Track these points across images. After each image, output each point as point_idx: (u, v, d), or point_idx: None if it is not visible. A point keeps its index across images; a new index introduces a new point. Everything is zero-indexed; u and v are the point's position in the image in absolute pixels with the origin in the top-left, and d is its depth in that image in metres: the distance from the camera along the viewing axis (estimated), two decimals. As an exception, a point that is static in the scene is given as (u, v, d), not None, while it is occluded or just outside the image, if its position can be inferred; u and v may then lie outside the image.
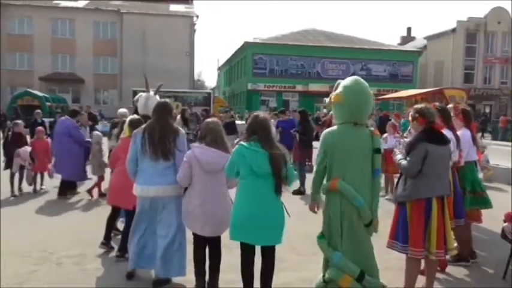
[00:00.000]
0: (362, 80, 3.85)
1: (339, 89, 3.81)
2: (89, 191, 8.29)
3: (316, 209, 3.90)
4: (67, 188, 8.41)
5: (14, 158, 8.32)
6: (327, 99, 4.20)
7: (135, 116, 5.52)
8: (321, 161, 3.76)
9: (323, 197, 3.82)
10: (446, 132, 4.52)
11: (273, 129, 4.37)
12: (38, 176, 9.02)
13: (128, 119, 5.88)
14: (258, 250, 3.77)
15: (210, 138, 4.06)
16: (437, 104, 5.15)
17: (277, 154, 3.69)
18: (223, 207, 4.06)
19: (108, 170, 6.99)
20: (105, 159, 8.17)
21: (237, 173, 3.74)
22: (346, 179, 3.63)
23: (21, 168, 8.52)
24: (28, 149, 8.51)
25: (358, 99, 3.74)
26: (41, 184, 9.05)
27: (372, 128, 3.89)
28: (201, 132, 4.21)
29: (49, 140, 9.35)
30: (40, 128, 9.42)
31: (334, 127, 3.85)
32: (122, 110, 8.57)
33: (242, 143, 3.77)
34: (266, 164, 3.63)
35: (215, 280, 4.18)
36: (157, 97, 6.11)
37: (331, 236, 3.71)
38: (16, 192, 8.43)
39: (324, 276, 3.69)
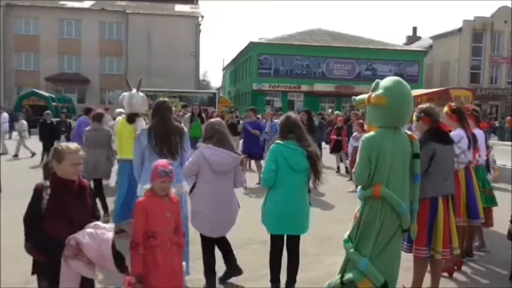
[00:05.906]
0: (405, 82, 3.58)
1: (381, 91, 3.48)
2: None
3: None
4: None
5: None
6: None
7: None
8: (366, 168, 3.43)
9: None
10: (459, 131, 4.74)
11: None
12: None
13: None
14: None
15: (217, 139, 4.06)
16: (453, 104, 5.13)
17: (314, 151, 4.01)
18: (231, 209, 4.11)
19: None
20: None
21: (275, 170, 3.89)
22: (389, 185, 3.40)
23: None
24: None
25: (403, 103, 3.48)
26: None
27: (409, 132, 3.71)
28: (206, 133, 4.21)
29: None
30: None
31: (374, 132, 3.56)
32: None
33: (279, 141, 3.96)
34: (304, 161, 3.90)
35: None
36: (140, 93, 6.06)
37: (359, 241, 3.52)
38: None
39: (342, 277, 3.62)
